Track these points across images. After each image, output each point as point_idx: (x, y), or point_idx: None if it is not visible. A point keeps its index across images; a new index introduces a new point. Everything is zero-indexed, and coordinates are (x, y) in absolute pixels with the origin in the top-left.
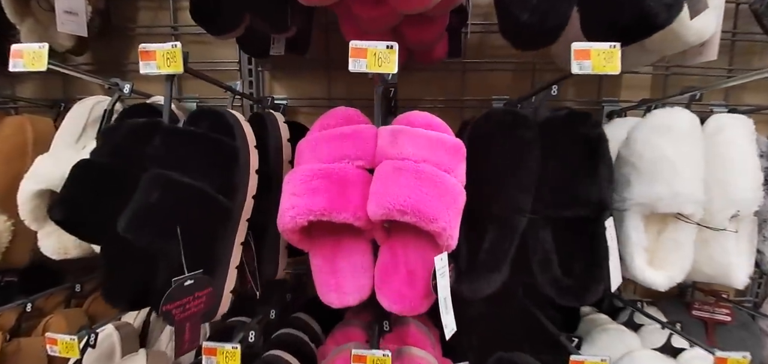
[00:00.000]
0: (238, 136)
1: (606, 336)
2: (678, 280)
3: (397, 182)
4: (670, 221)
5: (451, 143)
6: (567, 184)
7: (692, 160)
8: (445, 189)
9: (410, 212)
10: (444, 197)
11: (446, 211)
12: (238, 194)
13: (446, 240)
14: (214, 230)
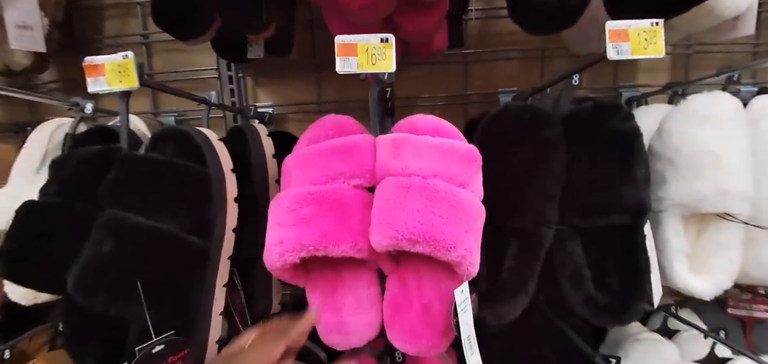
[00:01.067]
0: (209, 159)
1: (640, 348)
2: (725, 287)
3: (403, 204)
4: (711, 221)
5: (464, 151)
6: (599, 188)
7: (738, 152)
8: (462, 208)
9: (423, 240)
10: (461, 219)
11: (465, 235)
12: (214, 230)
13: (467, 268)
14: (187, 278)
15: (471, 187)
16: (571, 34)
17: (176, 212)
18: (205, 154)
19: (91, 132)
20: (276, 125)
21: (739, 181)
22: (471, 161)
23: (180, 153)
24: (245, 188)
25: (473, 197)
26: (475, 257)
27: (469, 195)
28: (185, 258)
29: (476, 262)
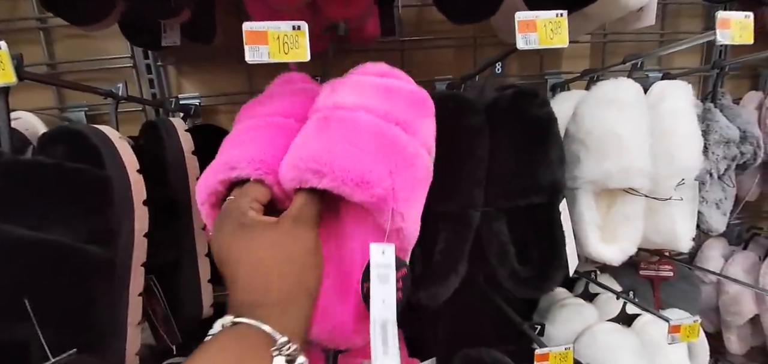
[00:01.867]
0: (108, 161)
1: (565, 312)
2: (630, 253)
3: (319, 135)
4: (618, 195)
5: (410, 91)
6: (518, 171)
7: (639, 133)
8: (392, 146)
9: (329, 171)
10: (388, 157)
11: (390, 176)
12: (119, 238)
13: (392, 219)
14: (89, 291)
15: (414, 132)
16: (497, 22)
17: (70, 221)
18: (104, 155)
19: None
20: (204, 118)
21: (639, 159)
22: (417, 104)
23: (73, 155)
24: (161, 188)
25: (413, 141)
26: (407, 206)
27: (407, 137)
28: (83, 270)
29: (410, 214)
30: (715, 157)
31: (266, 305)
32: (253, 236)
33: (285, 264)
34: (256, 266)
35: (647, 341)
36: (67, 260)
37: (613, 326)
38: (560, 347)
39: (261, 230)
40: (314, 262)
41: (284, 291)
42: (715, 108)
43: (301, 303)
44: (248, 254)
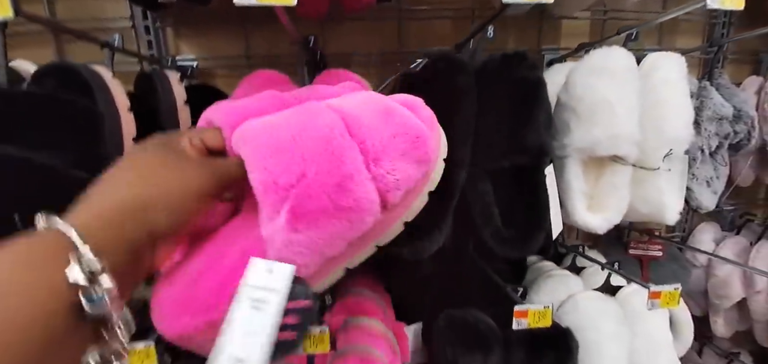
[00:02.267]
0: (99, 96)
1: (551, 282)
2: (615, 222)
3: (255, 105)
4: (607, 165)
5: (411, 128)
6: (504, 132)
7: (628, 101)
8: (336, 160)
9: (249, 142)
10: (318, 164)
11: (298, 177)
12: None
13: (283, 228)
14: None
15: (384, 178)
16: None
17: (59, 147)
18: (94, 90)
19: None
20: (201, 80)
21: (628, 126)
22: (412, 147)
23: (64, 89)
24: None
25: (369, 184)
26: (304, 226)
27: (364, 173)
28: (70, 192)
29: (307, 244)
30: (707, 134)
31: (91, 210)
32: (157, 149)
33: (144, 184)
34: (120, 171)
35: (629, 310)
36: (54, 181)
37: (596, 295)
38: (539, 305)
39: (167, 149)
40: (183, 207)
41: (119, 206)
42: (710, 85)
43: (131, 232)
44: (131, 158)
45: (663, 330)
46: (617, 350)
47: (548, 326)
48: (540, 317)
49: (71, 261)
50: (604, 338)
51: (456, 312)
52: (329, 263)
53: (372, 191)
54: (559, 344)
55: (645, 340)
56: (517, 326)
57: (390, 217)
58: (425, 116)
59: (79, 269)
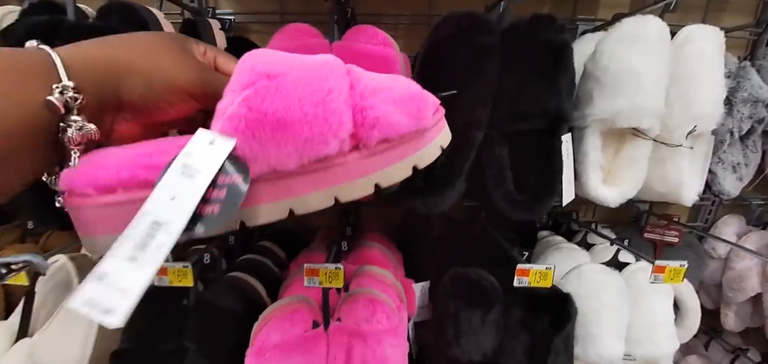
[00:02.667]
0: (153, 30)
1: (558, 254)
2: (629, 195)
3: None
4: (628, 139)
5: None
6: (525, 95)
7: (657, 72)
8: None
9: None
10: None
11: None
12: None
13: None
14: None
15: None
16: None
17: None
18: (150, 27)
19: (37, 5)
20: (237, 34)
21: (653, 98)
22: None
23: (124, 23)
24: None
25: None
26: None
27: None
28: None
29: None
30: (740, 116)
31: (79, 51)
32: (169, 35)
33: (138, 50)
34: (127, 36)
35: (633, 286)
36: None
37: (601, 267)
38: (541, 266)
39: (178, 41)
40: (162, 89)
41: (106, 58)
42: (750, 66)
43: (106, 85)
44: (143, 34)
45: (664, 309)
46: (615, 321)
47: (549, 287)
48: (541, 277)
49: (54, 88)
50: (603, 308)
51: (461, 270)
52: (275, 181)
53: (346, 113)
54: (557, 307)
55: (645, 316)
56: (518, 283)
57: (359, 164)
58: (434, 102)
59: (59, 97)
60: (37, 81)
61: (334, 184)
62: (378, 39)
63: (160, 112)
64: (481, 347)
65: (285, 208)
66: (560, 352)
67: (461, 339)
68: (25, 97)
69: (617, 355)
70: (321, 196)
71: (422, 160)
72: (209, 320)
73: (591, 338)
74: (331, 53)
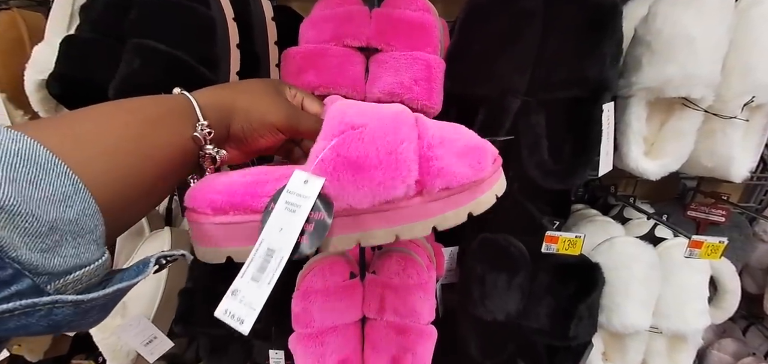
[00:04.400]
0: (213, 4)
1: (591, 226)
2: (672, 168)
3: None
4: (676, 109)
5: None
6: (567, 61)
7: (714, 38)
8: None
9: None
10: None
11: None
12: (220, 69)
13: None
14: None
15: None
16: None
17: (186, 44)
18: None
19: None
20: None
21: (708, 66)
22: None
23: None
24: (247, 44)
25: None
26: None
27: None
28: (196, 83)
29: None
30: None
31: (208, 96)
32: (267, 83)
33: (243, 95)
34: (236, 84)
35: (668, 261)
36: (185, 71)
37: (634, 240)
38: (571, 234)
39: (273, 87)
40: (257, 126)
41: (221, 102)
42: None
43: (219, 124)
44: (248, 82)
45: (697, 286)
46: (643, 293)
47: (577, 255)
48: (569, 244)
49: (197, 126)
50: (632, 280)
51: (490, 235)
52: (349, 217)
53: (414, 162)
54: (585, 275)
55: (675, 290)
56: (546, 249)
57: (421, 208)
58: (493, 152)
59: (199, 134)
60: (186, 121)
61: (398, 223)
62: (417, 4)
63: (254, 143)
64: (505, 309)
65: (353, 240)
66: (584, 318)
67: (486, 300)
68: (181, 133)
69: (641, 325)
70: (384, 233)
71: (478, 208)
72: None
73: (616, 308)
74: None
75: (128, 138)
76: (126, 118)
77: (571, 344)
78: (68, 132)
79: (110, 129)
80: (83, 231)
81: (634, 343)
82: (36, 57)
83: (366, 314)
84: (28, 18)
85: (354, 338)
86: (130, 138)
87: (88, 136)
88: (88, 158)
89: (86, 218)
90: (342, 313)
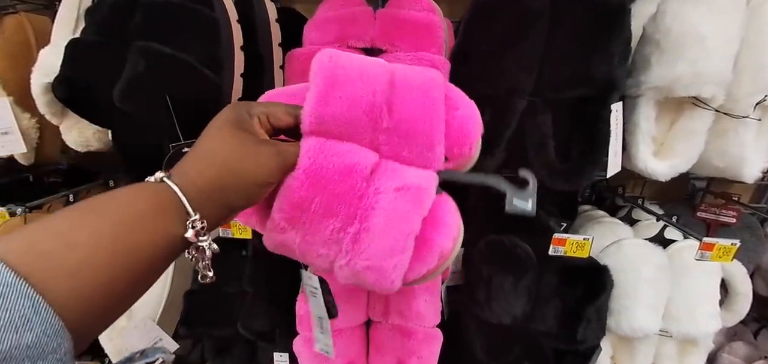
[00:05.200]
0: (216, 6)
1: (599, 227)
2: (682, 169)
3: None
4: (686, 109)
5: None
6: (574, 61)
7: (725, 35)
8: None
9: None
10: None
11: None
12: (224, 70)
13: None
14: (204, 105)
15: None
16: None
17: (190, 47)
18: (213, 1)
19: None
20: (283, 3)
21: (718, 64)
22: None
23: None
24: (251, 45)
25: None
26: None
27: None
28: (201, 85)
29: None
30: None
31: (193, 185)
32: (234, 136)
33: (226, 171)
34: (210, 153)
35: (678, 263)
36: (190, 74)
37: (642, 242)
38: (579, 236)
39: (242, 136)
40: (254, 193)
41: (210, 187)
42: None
43: (219, 207)
44: (216, 140)
45: (708, 288)
46: (652, 295)
47: (585, 257)
48: (577, 247)
49: (188, 225)
50: (641, 282)
51: (495, 237)
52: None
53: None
54: (593, 277)
55: (686, 293)
56: (554, 252)
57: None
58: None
59: (192, 231)
60: (173, 217)
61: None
62: (422, 5)
63: (258, 200)
64: (512, 311)
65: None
66: (592, 321)
67: (492, 302)
68: (166, 232)
69: (650, 329)
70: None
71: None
72: (264, 268)
73: (625, 311)
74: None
75: (100, 248)
76: (97, 224)
77: (579, 348)
78: (34, 246)
79: (79, 240)
80: (44, 353)
81: (644, 347)
82: (42, 60)
83: (371, 317)
84: (35, 21)
85: (359, 341)
86: (102, 248)
87: (55, 251)
88: (54, 276)
89: (47, 338)
90: (346, 316)
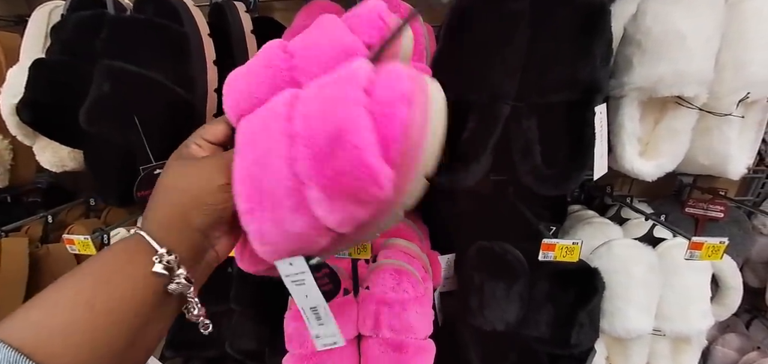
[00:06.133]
0: (185, 21)
1: (589, 228)
2: (668, 169)
3: None
4: (669, 108)
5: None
6: (557, 65)
7: (705, 34)
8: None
9: None
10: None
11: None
12: (196, 87)
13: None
14: (176, 123)
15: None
16: None
17: (159, 64)
18: (182, 15)
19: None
20: (261, 13)
21: (699, 64)
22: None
23: (158, 13)
24: (226, 59)
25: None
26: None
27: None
28: (172, 103)
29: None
30: None
31: (154, 221)
32: (177, 163)
33: (177, 194)
34: (162, 188)
35: (668, 263)
36: (159, 92)
37: (632, 242)
38: (568, 240)
39: (183, 161)
40: (209, 203)
41: (169, 217)
42: None
43: (185, 233)
44: (164, 176)
45: (699, 286)
46: (644, 295)
47: (575, 261)
48: (567, 251)
49: (155, 260)
50: (632, 283)
51: (486, 243)
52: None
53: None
54: (584, 281)
55: (678, 292)
56: (544, 257)
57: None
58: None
59: (160, 265)
60: (145, 259)
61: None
62: (401, 11)
63: (226, 211)
64: (505, 318)
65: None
66: (585, 324)
67: (485, 310)
68: (143, 276)
69: (643, 329)
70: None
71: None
72: (250, 286)
73: (617, 312)
74: None
75: (78, 305)
76: (80, 283)
77: (573, 352)
78: (28, 317)
79: (62, 302)
80: None
81: (637, 347)
82: (10, 80)
83: (361, 331)
84: (4, 39)
85: (350, 356)
86: (81, 304)
87: (43, 318)
88: (41, 341)
89: None
90: None
